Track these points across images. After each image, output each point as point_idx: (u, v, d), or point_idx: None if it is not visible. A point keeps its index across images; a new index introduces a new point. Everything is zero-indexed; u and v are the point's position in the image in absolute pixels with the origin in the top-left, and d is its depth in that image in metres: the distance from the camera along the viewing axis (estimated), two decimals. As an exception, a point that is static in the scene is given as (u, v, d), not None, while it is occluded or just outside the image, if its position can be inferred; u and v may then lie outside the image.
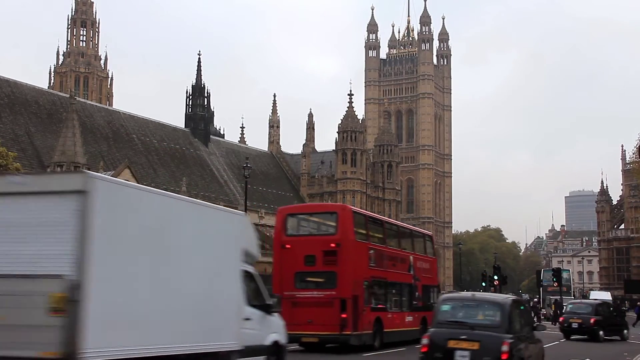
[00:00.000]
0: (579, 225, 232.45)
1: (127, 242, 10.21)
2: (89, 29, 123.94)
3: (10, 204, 9.82)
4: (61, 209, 9.46)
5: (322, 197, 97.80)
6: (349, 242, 22.60)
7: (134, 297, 10.27)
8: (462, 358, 13.09)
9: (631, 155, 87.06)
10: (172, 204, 11.89)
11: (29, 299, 9.17)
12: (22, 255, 9.52)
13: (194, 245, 11.91)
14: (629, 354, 24.19)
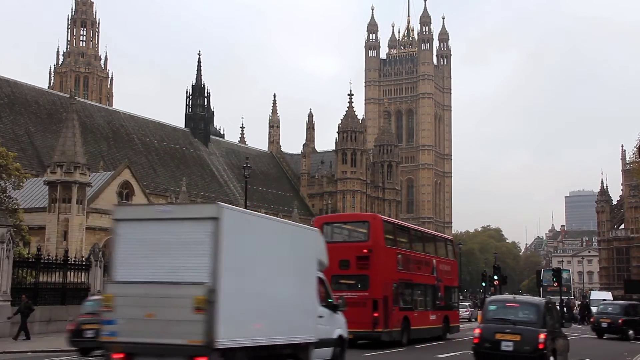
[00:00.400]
0: (579, 225, 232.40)
1: (245, 256, 13.00)
2: (89, 29, 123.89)
3: (163, 227, 12.61)
4: (200, 231, 12.19)
5: (322, 197, 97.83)
6: (379, 248, 24.78)
7: (249, 300, 12.97)
8: (507, 347, 16.23)
9: (631, 155, 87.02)
10: (274, 225, 15.42)
11: (179, 300, 11.86)
12: (172, 266, 12.24)
13: (288, 256, 14.90)
14: (629, 354, 24.21)
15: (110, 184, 53.12)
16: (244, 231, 13.17)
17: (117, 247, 13.21)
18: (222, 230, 12.19)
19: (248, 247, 13.20)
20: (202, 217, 12.55)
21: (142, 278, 12.44)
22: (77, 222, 43.32)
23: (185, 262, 12.21)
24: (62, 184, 42.99)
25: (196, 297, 11.83)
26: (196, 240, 12.23)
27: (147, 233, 12.80)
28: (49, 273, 29.81)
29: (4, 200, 37.19)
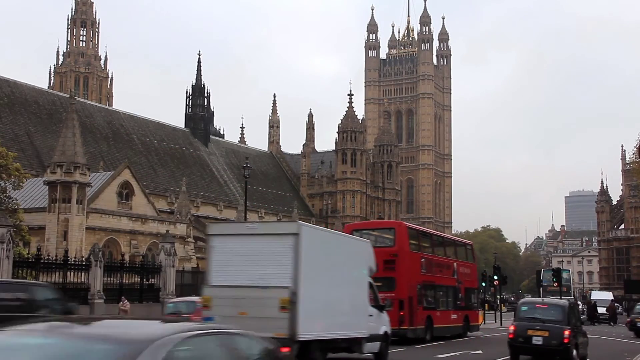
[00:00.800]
0: (578, 225, 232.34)
1: (317, 265, 15.77)
2: (89, 29, 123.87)
3: (252, 241, 15.64)
4: (283, 245, 15.03)
5: (322, 197, 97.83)
6: (404, 253, 27.08)
7: (320, 301, 15.64)
8: (537, 341, 19.20)
9: (631, 155, 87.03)
10: (337, 238, 19.35)
11: (267, 301, 14.60)
12: (261, 273, 15.01)
13: (347, 264, 17.89)
14: (629, 354, 24.22)
15: (110, 184, 53.12)
16: (316, 244, 16.22)
17: (212, 257, 16.27)
18: (301, 244, 15.05)
19: (319, 257, 16.13)
20: (284, 233, 15.78)
21: (235, 282, 15.36)
22: (77, 222, 43.31)
23: (272, 270, 15.07)
24: (62, 184, 42.98)
25: (282, 298, 14.66)
26: (280, 252, 15.14)
27: (238, 246, 15.86)
28: (49, 273, 29.79)
29: (4, 200, 37.18)
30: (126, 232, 51.94)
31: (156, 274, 36.00)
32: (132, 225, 52.80)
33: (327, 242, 17.52)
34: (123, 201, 54.04)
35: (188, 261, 55.79)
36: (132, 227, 52.73)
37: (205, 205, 77.44)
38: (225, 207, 79.30)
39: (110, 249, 49.82)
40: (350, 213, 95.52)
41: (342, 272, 17.61)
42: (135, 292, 34.69)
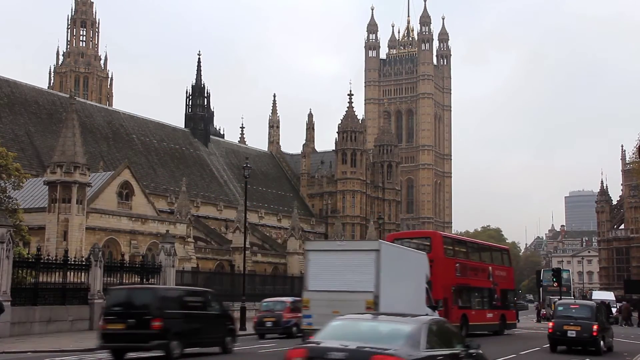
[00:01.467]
0: (578, 225, 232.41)
1: (392, 274, 20.24)
2: (89, 29, 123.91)
3: (341, 256, 20.32)
4: (367, 259, 19.66)
5: (322, 197, 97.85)
6: (439, 259, 29.73)
7: (393, 301, 19.67)
8: (571, 335, 24.18)
9: (631, 156, 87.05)
10: (406, 252, 24.74)
11: (356, 302, 18.44)
12: (349, 280, 19.56)
13: (411, 272, 22.77)
14: (629, 354, 24.25)
15: (110, 184, 53.11)
16: (391, 258, 20.85)
17: (308, 268, 20.96)
18: (381, 258, 19.86)
19: (393, 268, 20.54)
20: (368, 249, 20.65)
21: (328, 288, 19.80)
22: (77, 222, 43.29)
23: (358, 278, 19.51)
24: (62, 184, 42.96)
25: (367, 300, 19.09)
26: (365, 264, 19.67)
27: (330, 259, 20.42)
28: (49, 273, 29.80)
29: (4, 201, 37.18)
30: (126, 232, 51.93)
31: (156, 274, 36.02)
32: (132, 225, 52.80)
33: (398, 256, 22.44)
34: (123, 201, 54.03)
35: (188, 261, 55.79)
36: (132, 227, 52.73)
37: (205, 205, 77.46)
38: (225, 207, 79.31)
39: (110, 249, 49.82)
40: (350, 213, 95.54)
41: (408, 278, 22.20)
42: (135, 292, 34.70)
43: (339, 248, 21.73)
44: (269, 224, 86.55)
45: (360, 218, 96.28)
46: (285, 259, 75.78)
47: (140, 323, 18.24)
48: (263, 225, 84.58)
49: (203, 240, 71.09)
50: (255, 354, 22.27)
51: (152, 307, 18.73)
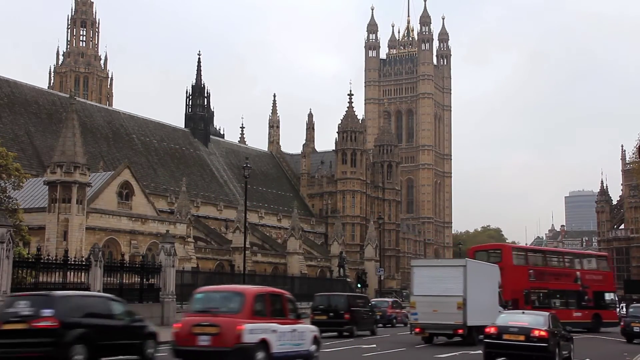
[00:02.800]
0: (578, 225, 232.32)
1: (474, 282, 26.24)
2: (89, 29, 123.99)
3: (439, 270, 27.46)
4: (457, 272, 26.09)
5: (322, 197, 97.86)
6: (508, 267, 34.89)
7: (476, 303, 25.91)
8: (636, 329, 30.65)
9: (631, 155, 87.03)
10: (484, 266, 30.57)
11: (449, 304, 25.37)
12: (445, 288, 25.75)
13: (488, 281, 28.74)
14: (628, 354, 24.24)
15: (110, 184, 53.11)
16: (474, 271, 27.26)
17: (414, 279, 27.43)
18: (467, 271, 26.22)
19: (475, 278, 26.74)
20: (458, 265, 27.31)
21: (429, 293, 26.23)
22: (77, 222, 43.30)
23: (451, 286, 25.89)
24: (62, 184, 42.97)
25: (458, 302, 25.61)
26: (455, 276, 26.10)
27: (430, 272, 27.40)
28: (49, 273, 29.77)
29: (4, 201, 37.18)
30: (126, 232, 51.94)
31: (156, 274, 35.99)
32: (132, 225, 52.80)
33: (478, 269, 28.75)
34: (123, 201, 54.03)
35: (188, 261, 55.78)
36: (132, 227, 52.73)
37: (205, 205, 77.47)
38: (225, 207, 79.31)
39: (110, 249, 49.83)
40: (350, 213, 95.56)
41: (485, 285, 28.05)
42: (135, 292, 34.65)
43: (437, 264, 31.42)
44: (269, 224, 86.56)
45: (360, 218, 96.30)
46: (285, 259, 75.80)
47: (337, 315, 30.49)
48: (263, 225, 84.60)
49: (203, 240, 71.11)
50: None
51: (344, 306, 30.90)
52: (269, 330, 15.42)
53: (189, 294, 38.84)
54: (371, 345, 25.53)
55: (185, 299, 38.27)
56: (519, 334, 18.96)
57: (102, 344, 16.96)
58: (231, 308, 15.51)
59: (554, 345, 18.99)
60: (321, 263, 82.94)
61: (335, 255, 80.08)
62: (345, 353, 23.31)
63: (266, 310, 16.05)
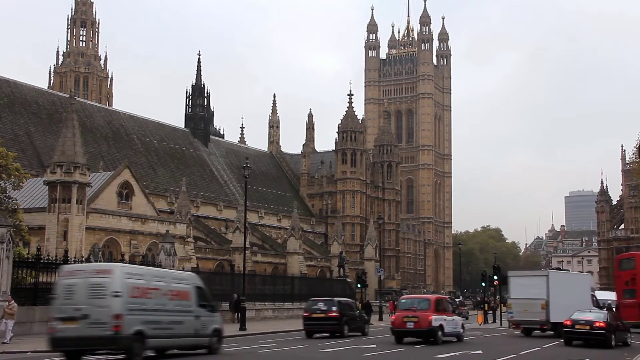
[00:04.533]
0: (578, 226, 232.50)
1: (556, 287, 32.66)
2: (89, 29, 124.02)
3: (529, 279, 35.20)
4: (543, 280, 33.16)
5: (322, 197, 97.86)
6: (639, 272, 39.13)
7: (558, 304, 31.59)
8: None
9: (631, 156, 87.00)
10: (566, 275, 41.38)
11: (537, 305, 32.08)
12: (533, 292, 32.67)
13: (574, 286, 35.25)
14: (628, 354, 24.25)
15: (110, 184, 53.12)
16: (556, 279, 33.46)
17: (510, 286, 33.98)
18: (549, 280, 32.49)
19: (557, 284, 32.69)
20: (542, 275, 35.06)
21: (521, 296, 32.59)
22: (77, 222, 43.33)
23: (538, 291, 31.85)
24: (62, 184, 43.00)
25: (542, 303, 31.55)
26: (540, 283, 32.43)
27: (522, 281, 34.30)
28: (49, 273, 29.79)
29: (4, 201, 37.20)
30: (126, 232, 51.94)
31: (156, 274, 35.98)
32: (132, 225, 52.81)
33: (562, 277, 35.62)
34: (123, 201, 54.03)
35: (188, 261, 55.77)
36: (132, 227, 52.74)
37: (205, 205, 77.48)
38: (225, 207, 79.33)
39: (110, 249, 49.84)
40: (350, 213, 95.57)
41: (571, 290, 33.49)
42: (135, 292, 34.65)
43: (527, 274, 39.39)
44: (269, 224, 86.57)
45: (360, 218, 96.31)
46: (285, 259, 75.79)
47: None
48: (263, 225, 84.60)
49: (203, 240, 71.11)
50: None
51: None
52: (443, 319, 27.02)
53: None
54: (371, 345, 25.54)
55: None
56: (586, 324, 27.03)
57: (352, 325, 32.81)
58: (423, 307, 27.28)
59: (610, 333, 26.79)
60: (321, 263, 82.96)
61: (335, 255, 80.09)
62: (345, 353, 23.33)
63: (440, 308, 27.73)
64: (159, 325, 18.95)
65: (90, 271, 18.86)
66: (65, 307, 17.94)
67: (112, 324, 17.41)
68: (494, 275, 50.75)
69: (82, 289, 17.93)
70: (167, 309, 19.44)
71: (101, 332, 17.44)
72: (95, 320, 17.51)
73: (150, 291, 18.90)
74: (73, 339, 17.71)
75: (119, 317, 17.48)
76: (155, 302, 18.93)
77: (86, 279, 18.16)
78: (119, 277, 18.07)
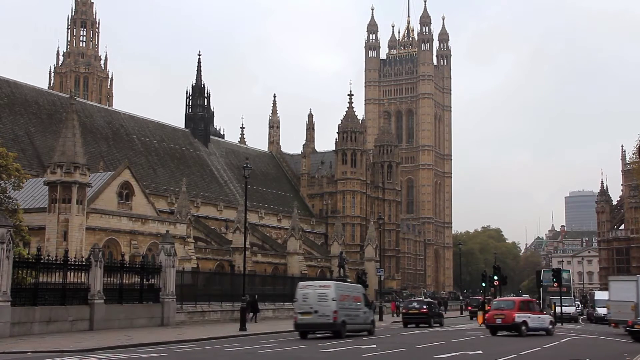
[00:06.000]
0: (578, 226, 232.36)
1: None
2: (89, 29, 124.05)
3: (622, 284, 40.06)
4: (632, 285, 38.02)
5: (322, 197, 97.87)
6: None
7: None
8: None
9: (631, 156, 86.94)
10: None
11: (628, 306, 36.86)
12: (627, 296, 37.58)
13: None
14: (628, 354, 24.24)
15: (110, 184, 53.10)
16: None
17: (611, 290, 40.09)
18: (638, 285, 36.91)
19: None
20: (631, 280, 39.77)
21: (616, 299, 38.39)
22: (77, 223, 43.31)
23: (629, 295, 36.72)
24: (62, 184, 42.97)
25: (632, 305, 35.97)
26: (630, 288, 37.40)
27: (618, 285, 39.83)
28: (49, 273, 29.77)
29: (4, 201, 37.19)
30: (126, 232, 51.93)
31: (156, 274, 36.01)
32: (132, 226, 52.79)
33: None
34: (123, 201, 54.01)
35: (188, 261, 55.77)
36: (132, 227, 52.72)
37: (205, 205, 77.48)
38: (225, 207, 79.34)
39: (110, 249, 49.81)
40: (350, 213, 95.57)
41: None
42: (135, 292, 34.69)
43: (622, 280, 44.01)
44: (269, 224, 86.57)
45: (360, 218, 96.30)
46: (285, 259, 75.80)
47: None
48: (263, 226, 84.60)
49: (203, 241, 71.10)
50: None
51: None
52: (527, 316, 32.58)
53: (189, 294, 39.05)
54: (371, 346, 25.54)
55: (185, 299, 38.37)
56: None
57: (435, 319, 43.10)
58: (509, 307, 33.20)
59: None
60: (321, 263, 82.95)
61: (335, 255, 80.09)
62: (345, 353, 23.34)
63: (524, 308, 33.41)
64: (350, 317, 30.89)
65: (318, 285, 31.36)
66: (304, 306, 30.00)
67: (332, 316, 29.42)
68: (494, 275, 50.73)
69: (313, 295, 30.08)
70: (353, 308, 31.63)
71: (325, 320, 29.61)
72: (322, 314, 29.51)
73: (347, 297, 31.26)
74: (308, 324, 30.12)
75: (335, 312, 29.51)
76: (349, 304, 31.17)
77: (315, 290, 30.49)
78: (334, 289, 30.30)
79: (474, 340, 30.15)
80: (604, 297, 61.13)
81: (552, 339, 31.08)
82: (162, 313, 35.44)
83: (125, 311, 33.28)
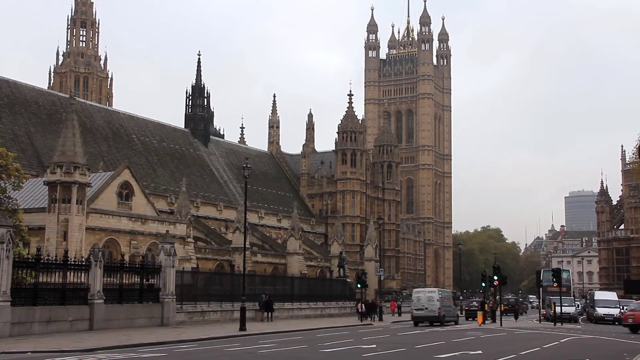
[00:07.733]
0: (578, 226, 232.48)
1: None
2: (88, 29, 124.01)
3: None
4: None
5: (322, 197, 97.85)
6: None
7: None
8: None
9: (631, 156, 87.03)
10: None
11: None
12: None
13: None
14: (628, 354, 24.24)
15: (110, 184, 53.09)
16: None
17: None
18: None
19: None
20: None
21: None
22: (77, 223, 43.30)
23: None
24: (61, 184, 42.96)
25: None
26: None
27: None
28: (49, 273, 29.77)
29: (4, 201, 37.18)
30: (126, 232, 51.92)
31: (156, 274, 36.02)
32: (132, 226, 52.78)
33: None
34: (123, 201, 54.00)
35: (188, 261, 55.77)
36: (132, 227, 52.71)
37: (205, 205, 77.47)
38: (225, 208, 79.31)
39: (110, 249, 49.80)
40: (350, 213, 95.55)
41: None
42: (135, 293, 34.70)
43: None
44: (269, 224, 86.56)
45: (360, 218, 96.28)
46: (285, 259, 75.75)
47: None
48: (263, 226, 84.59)
49: (203, 241, 71.07)
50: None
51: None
52: None
53: (189, 294, 39.03)
54: (371, 346, 25.55)
55: (185, 299, 38.38)
56: None
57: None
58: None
59: None
60: (321, 263, 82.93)
61: (335, 255, 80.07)
62: (345, 353, 23.35)
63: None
64: (447, 312, 46.38)
65: (427, 291, 48.96)
66: (417, 304, 45.45)
67: (437, 312, 44.57)
68: (494, 275, 50.71)
69: (424, 297, 45.84)
70: (447, 305, 47.45)
71: (433, 314, 44.66)
72: (430, 311, 44.68)
73: (444, 299, 47.14)
74: (421, 317, 45.18)
75: (439, 309, 44.68)
76: (446, 303, 47.10)
77: (425, 294, 46.72)
78: (438, 293, 47.13)
79: (473, 340, 30.15)
80: (603, 297, 61.20)
81: (552, 338, 31.02)
82: (162, 313, 35.45)
83: (125, 311, 33.29)
